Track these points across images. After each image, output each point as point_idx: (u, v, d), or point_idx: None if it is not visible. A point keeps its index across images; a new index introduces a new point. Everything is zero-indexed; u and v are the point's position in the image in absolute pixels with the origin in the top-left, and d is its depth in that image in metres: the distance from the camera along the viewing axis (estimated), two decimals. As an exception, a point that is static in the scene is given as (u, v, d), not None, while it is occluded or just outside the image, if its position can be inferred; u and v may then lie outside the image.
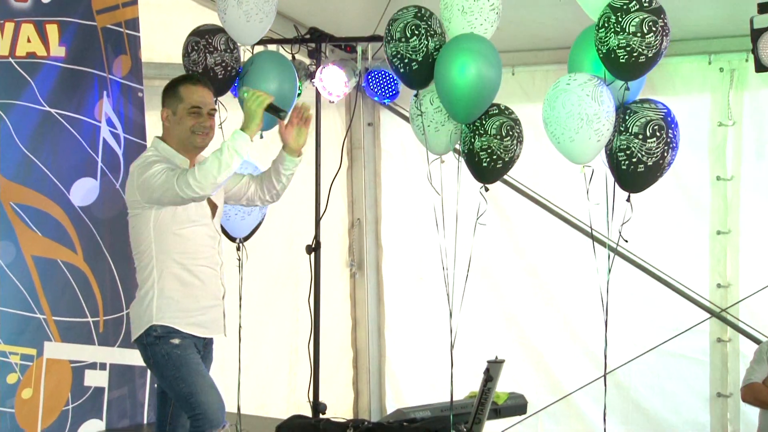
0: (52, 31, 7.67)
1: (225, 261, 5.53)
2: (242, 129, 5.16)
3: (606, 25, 5.38)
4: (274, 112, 5.46)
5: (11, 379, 7.41)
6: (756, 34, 6.68)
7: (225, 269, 5.52)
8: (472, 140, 6.15)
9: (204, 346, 5.42)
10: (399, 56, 6.10)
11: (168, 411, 5.49)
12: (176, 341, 5.20)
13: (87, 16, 7.84)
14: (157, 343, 5.21)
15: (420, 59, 6.07)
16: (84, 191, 7.82)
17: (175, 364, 5.19)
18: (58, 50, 7.69)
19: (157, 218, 5.19)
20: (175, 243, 5.21)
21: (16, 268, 7.45)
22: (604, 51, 5.41)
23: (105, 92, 7.93)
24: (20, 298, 7.46)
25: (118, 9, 7.98)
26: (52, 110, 7.67)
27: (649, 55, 5.36)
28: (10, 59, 7.49)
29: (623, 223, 5.60)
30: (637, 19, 5.32)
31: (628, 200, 5.61)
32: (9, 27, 7.46)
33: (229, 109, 6.98)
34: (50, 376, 7.59)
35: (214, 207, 5.38)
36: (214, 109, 5.46)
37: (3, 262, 7.39)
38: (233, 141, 5.05)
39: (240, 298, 7.03)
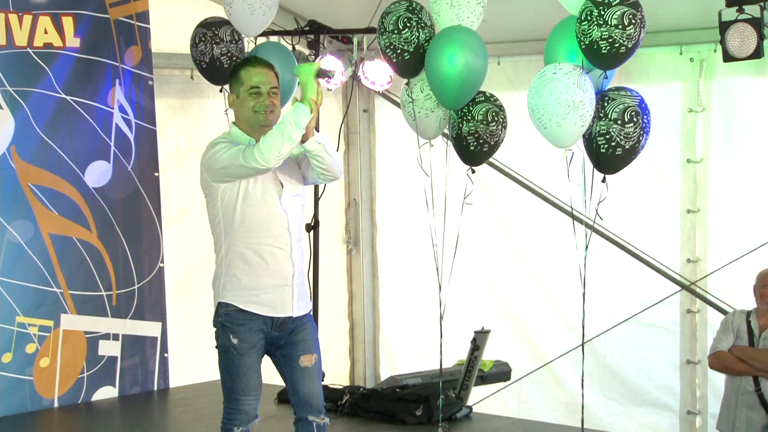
0: (68, 23, 7.67)
1: (300, 239, 5.10)
2: (300, 101, 4.85)
3: (589, 18, 5.38)
4: (324, 75, 5.12)
5: (30, 348, 7.42)
6: (724, 27, 6.68)
7: (300, 248, 5.08)
8: (460, 125, 6.16)
9: (279, 326, 4.97)
10: (392, 47, 6.11)
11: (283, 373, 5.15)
12: (235, 341, 4.91)
13: (100, 9, 7.84)
14: (222, 331, 4.96)
15: (411, 50, 6.08)
16: (98, 173, 7.82)
17: (226, 358, 4.96)
18: (73, 41, 7.69)
19: (224, 198, 4.93)
20: (241, 223, 4.92)
21: (34, 245, 7.46)
22: (586, 42, 5.41)
23: (117, 80, 7.94)
24: (38, 274, 7.47)
25: (129, 2, 7.99)
26: (68, 97, 7.67)
27: (629, 46, 5.38)
28: (29, 49, 7.47)
29: (600, 203, 5.63)
30: (618, 13, 5.33)
31: (604, 181, 5.64)
32: (27, 19, 7.44)
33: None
34: (66, 346, 7.60)
35: (280, 187, 4.99)
36: (276, 87, 5.07)
37: (22, 239, 7.39)
38: (294, 114, 4.77)
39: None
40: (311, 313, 5.21)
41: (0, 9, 7.29)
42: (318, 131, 4.97)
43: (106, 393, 7.80)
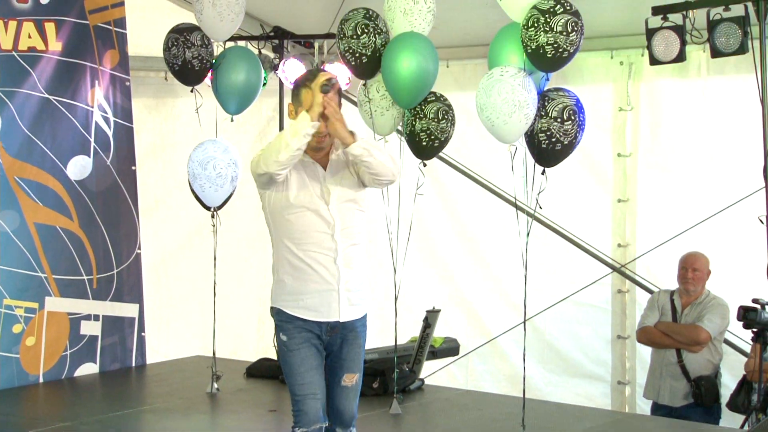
0: (50, 28, 7.62)
1: (355, 244, 4.73)
2: (307, 110, 4.52)
3: (535, 25, 5.39)
4: (327, 89, 4.55)
5: (17, 329, 7.39)
6: (650, 33, 6.73)
7: (353, 254, 4.71)
8: (413, 123, 6.17)
9: (330, 330, 4.67)
10: (351, 51, 6.10)
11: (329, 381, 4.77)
12: (284, 338, 4.65)
13: (80, 16, 7.80)
14: (276, 334, 4.76)
15: (369, 54, 6.08)
16: (79, 167, 7.79)
17: (283, 359, 4.68)
18: (55, 45, 7.65)
19: (269, 203, 4.69)
20: (285, 228, 4.65)
21: (20, 233, 7.42)
22: (533, 47, 5.41)
23: (96, 81, 7.91)
24: (24, 260, 7.43)
25: (107, 9, 7.96)
26: (51, 97, 7.63)
27: (571, 51, 5.40)
28: (14, 53, 7.42)
29: (540, 193, 5.64)
30: (563, 20, 5.35)
31: (543, 173, 5.65)
32: (12, 25, 7.40)
33: (204, 96, 6.97)
34: (50, 326, 7.57)
35: (328, 193, 4.66)
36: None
37: (9, 228, 7.35)
38: (296, 121, 4.51)
39: (215, 258, 7.02)
40: (365, 320, 4.84)
41: (-14, 15, 7.28)
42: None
43: (88, 369, 7.76)
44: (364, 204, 4.83)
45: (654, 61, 6.81)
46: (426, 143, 6.19)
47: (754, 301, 6.41)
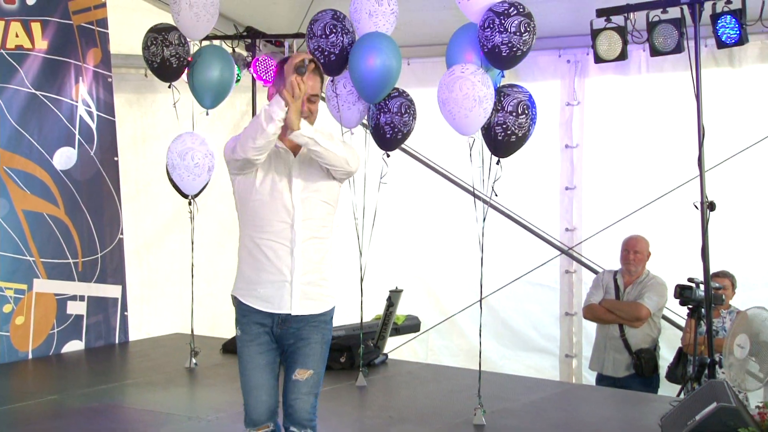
0: (36, 28, 7.59)
1: (315, 237, 4.27)
2: (279, 93, 4.05)
3: (491, 26, 5.39)
4: (300, 70, 4.08)
5: (6, 309, 7.38)
6: (595, 34, 6.77)
7: (311, 246, 4.25)
8: (378, 116, 6.19)
9: (281, 323, 4.21)
10: (320, 49, 6.10)
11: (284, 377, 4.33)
12: (238, 332, 4.26)
13: (65, 16, 7.78)
14: (236, 324, 4.32)
15: (337, 52, 6.08)
16: (65, 158, 7.78)
17: (238, 354, 4.28)
18: (41, 43, 7.62)
19: (238, 191, 4.29)
20: (249, 214, 4.24)
21: (9, 220, 7.40)
22: (489, 46, 5.42)
23: (80, 78, 7.90)
24: (13, 244, 7.41)
25: (90, 10, 7.95)
26: (37, 92, 7.60)
27: (524, 50, 5.42)
28: (2, 51, 7.39)
29: (495, 182, 5.66)
30: (516, 22, 5.36)
31: (498, 164, 5.67)
32: (0, 24, 7.35)
33: (181, 91, 6.96)
34: (39, 306, 7.56)
35: (292, 182, 4.23)
36: (316, 95, 4.28)
37: (-2, 214, 7.37)
38: (269, 106, 4.04)
39: (192, 242, 7.02)
40: (328, 316, 4.35)
41: (-25, 16, 7.26)
42: (311, 124, 4.19)
43: (74, 346, 7.77)
44: (332, 197, 4.37)
45: (598, 59, 6.85)
46: (390, 135, 6.22)
47: (690, 280, 6.48)
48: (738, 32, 6.20)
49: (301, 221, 4.21)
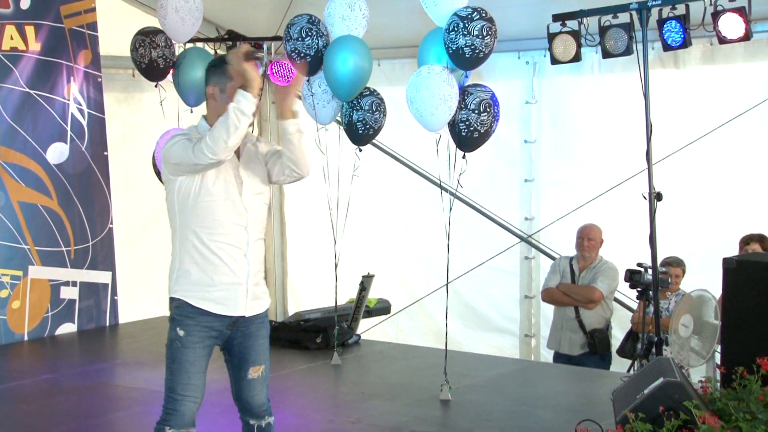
0: (30, 31, 7.57)
1: (260, 238, 4.05)
2: (242, 88, 3.79)
3: (455, 29, 5.41)
4: (253, 57, 3.92)
5: (3, 294, 7.37)
6: (551, 37, 6.78)
7: (259, 247, 4.04)
8: (351, 114, 6.20)
9: (232, 325, 3.97)
10: (297, 51, 6.11)
11: (230, 375, 4.13)
12: (182, 333, 3.87)
13: (57, 20, 7.76)
14: (171, 323, 3.94)
15: (312, 54, 6.08)
16: (57, 153, 7.76)
17: (172, 352, 3.90)
18: (35, 45, 7.60)
19: (180, 191, 3.89)
20: (197, 216, 3.88)
21: (5, 210, 7.39)
22: (453, 48, 5.44)
23: (72, 78, 7.88)
24: (9, 233, 7.40)
25: (81, 14, 7.93)
26: (32, 91, 7.58)
27: (486, 52, 5.44)
28: (-2, 52, 7.38)
29: (460, 175, 5.68)
30: (479, 26, 5.37)
31: (464, 158, 5.69)
32: (-4, 28, 7.34)
33: (167, 90, 6.94)
34: (34, 291, 7.55)
35: (241, 184, 3.97)
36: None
37: (-5, 206, 7.34)
38: (237, 103, 3.75)
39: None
40: (267, 312, 4.14)
41: (-28, 20, 7.23)
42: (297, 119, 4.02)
43: (67, 328, 7.77)
44: (269, 199, 4.19)
45: (554, 61, 6.87)
46: (362, 131, 6.23)
47: (639, 265, 6.52)
48: (682, 36, 6.24)
49: (252, 223, 3.99)
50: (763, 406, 4.41)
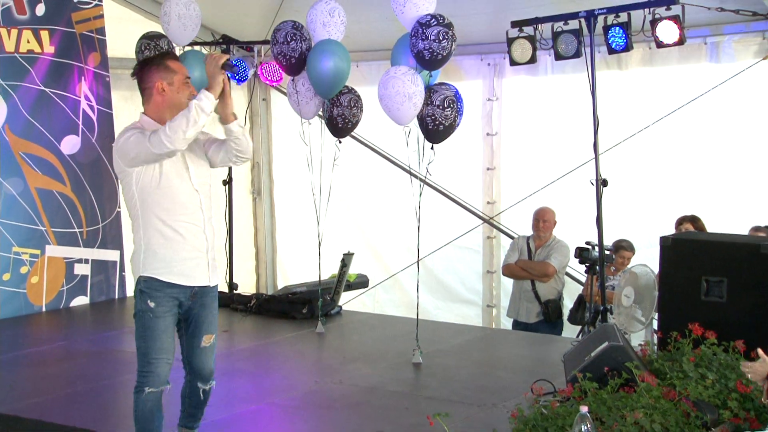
0: (45, 35, 7.50)
1: (212, 217, 4.08)
2: (207, 89, 3.84)
3: (416, 34, 5.42)
4: (230, 68, 4.00)
5: (23, 270, 7.33)
6: (510, 41, 6.81)
7: (212, 225, 4.07)
8: (332, 109, 6.19)
9: (193, 295, 3.99)
10: (283, 54, 6.08)
11: (183, 342, 4.13)
12: (152, 304, 3.88)
13: (69, 25, 7.68)
14: (140, 297, 3.92)
15: (297, 56, 6.06)
16: (70, 144, 7.70)
17: (143, 323, 3.91)
18: (49, 48, 7.53)
19: (139, 180, 3.87)
20: (156, 202, 3.88)
21: (24, 196, 7.34)
22: (415, 52, 5.45)
23: (83, 77, 7.81)
24: (28, 216, 7.36)
25: (90, 20, 7.86)
26: (47, 89, 7.52)
27: (444, 54, 5.43)
28: (16, 54, 7.30)
29: (429, 164, 5.69)
30: (436, 31, 5.36)
31: (432, 149, 5.69)
32: (14, 32, 7.28)
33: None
34: (50, 268, 7.50)
35: (188, 168, 3.99)
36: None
37: (15, 191, 7.28)
38: (199, 100, 3.78)
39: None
40: (218, 286, 4.15)
41: (-7, 25, 7.20)
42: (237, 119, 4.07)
43: (80, 301, 7.72)
44: (213, 180, 4.17)
45: (513, 62, 6.89)
46: (341, 125, 6.22)
47: (587, 243, 6.56)
48: (625, 41, 6.27)
49: (204, 203, 4.01)
50: (694, 366, 4.45)
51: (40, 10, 7.44)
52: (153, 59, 4.15)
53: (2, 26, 7.20)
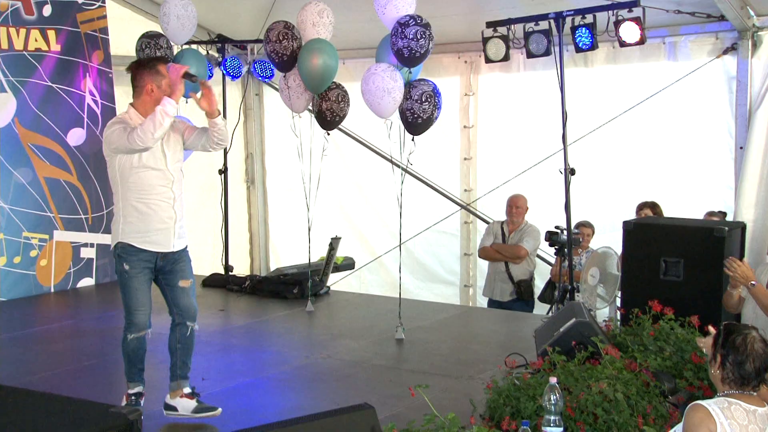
0: (51, 34, 7.44)
1: (182, 193, 4.44)
2: (169, 96, 4.21)
3: (396, 33, 5.41)
4: (189, 77, 4.37)
5: (33, 253, 7.30)
6: (485, 41, 6.80)
7: (182, 201, 4.42)
8: (321, 104, 6.17)
9: (163, 257, 4.36)
10: (275, 52, 6.07)
11: (167, 293, 4.47)
12: (127, 267, 4.29)
13: (74, 25, 7.62)
14: (118, 261, 4.33)
15: (288, 54, 6.04)
16: (76, 136, 7.65)
17: (122, 282, 4.32)
18: (55, 46, 7.47)
19: (120, 164, 4.25)
20: (133, 182, 4.26)
21: (33, 185, 7.30)
22: (395, 50, 5.44)
23: (87, 74, 7.75)
24: (37, 203, 7.32)
25: (94, 21, 7.79)
26: (53, 85, 7.46)
27: (422, 52, 5.42)
28: (24, 52, 7.25)
29: (410, 154, 5.69)
30: (414, 30, 5.36)
31: (412, 140, 5.70)
32: (22, 31, 7.22)
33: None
34: (58, 251, 7.47)
35: (165, 155, 4.33)
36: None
37: (25, 180, 7.24)
38: (163, 106, 4.15)
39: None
40: (187, 248, 4.51)
41: (3, 24, 7.11)
42: (225, 109, 4.50)
43: (87, 282, 7.69)
44: (183, 164, 4.52)
45: (488, 60, 6.89)
46: (330, 118, 6.21)
47: (556, 227, 6.58)
48: (591, 40, 6.29)
49: (176, 183, 4.37)
50: (653, 340, 4.50)
51: (47, 10, 7.38)
52: (147, 63, 4.46)
53: (11, 26, 7.14)
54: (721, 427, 2.97)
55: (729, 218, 6.77)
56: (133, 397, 4.38)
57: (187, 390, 4.40)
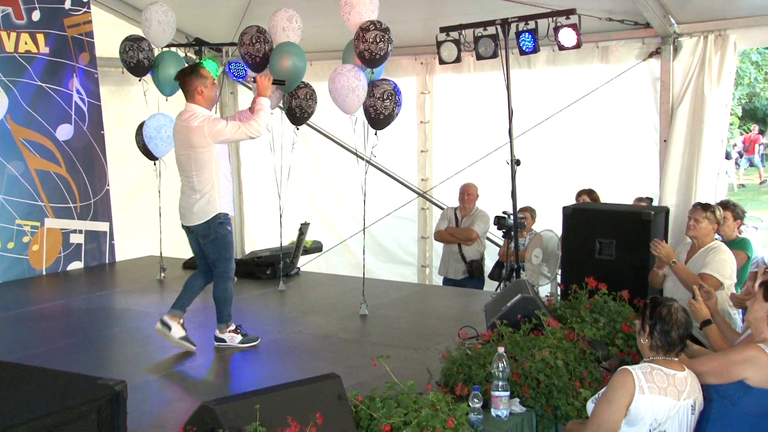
0: (40, 37, 7.30)
1: None
2: (261, 96, 5.02)
3: (358, 37, 5.38)
4: (279, 83, 5.39)
5: (25, 239, 7.19)
6: (439, 44, 6.78)
7: None
8: (291, 101, 6.12)
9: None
10: (248, 54, 5.98)
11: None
12: (229, 228, 4.89)
13: (61, 29, 7.48)
14: (220, 227, 4.84)
15: (261, 55, 5.97)
16: (65, 132, 7.52)
17: (225, 243, 4.88)
18: (44, 49, 7.33)
19: (214, 150, 4.77)
20: (223, 164, 4.84)
21: (25, 176, 7.19)
22: (357, 52, 5.42)
23: (74, 74, 7.61)
24: (29, 193, 7.20)
25: (80, 25, 7.66)
26: (43, 84, 7.33)
27: (381, 55, 5.39)
28: (15, 54, 7.11)
29: (373, 147, 5.68)
30: (373, 34, 5.33)
31: (375, 134, 5.69)
32: (13, 35, 7.09)
33: (148, 83, 6.75)
34: (49, 237, 7.36)
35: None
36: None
37: (17, 172, 7.13)
38: (264, 104, 4.99)
39: (159, 191, 6.88)
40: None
41: (-6, 28, 6.97)
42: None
43: (76, 266, 7.59)
44: None
45: (441, 62, 6.87)
46: (299, 114, 6.17)
47: (504, 213, 6.63)
48: (533, 44, 6.31)
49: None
50: (589, 312, 4.57)
51: (36, 15, 7.23)
52: (192, 70, 4.95)
53: (2, 30, 7.00)
54: (640, 389, 3.05)
55: (655, 203, 6.88)
56: (240, 327, 5.02)
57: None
